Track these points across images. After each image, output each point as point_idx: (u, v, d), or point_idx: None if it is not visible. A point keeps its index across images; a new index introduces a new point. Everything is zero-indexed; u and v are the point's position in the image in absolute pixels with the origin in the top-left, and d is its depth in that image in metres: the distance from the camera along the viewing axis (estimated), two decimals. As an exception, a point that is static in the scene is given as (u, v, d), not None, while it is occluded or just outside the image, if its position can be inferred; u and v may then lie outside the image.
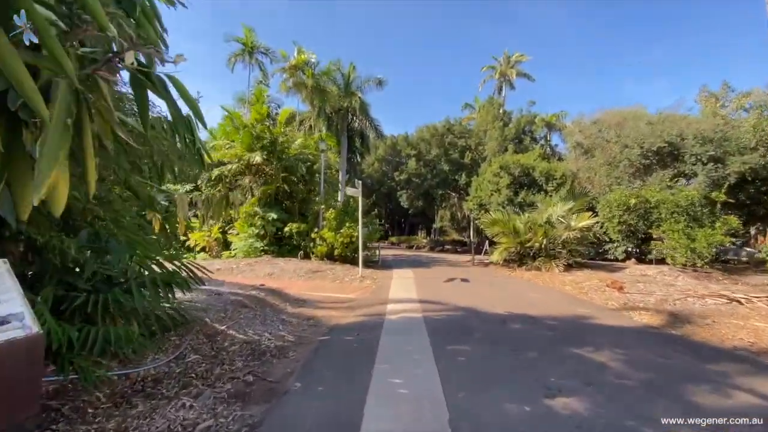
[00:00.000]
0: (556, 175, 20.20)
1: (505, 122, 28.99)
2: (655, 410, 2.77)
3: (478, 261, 17.21)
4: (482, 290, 8.61)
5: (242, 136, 14.80)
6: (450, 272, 12.87)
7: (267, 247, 14.73)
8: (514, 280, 10.86)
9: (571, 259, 13.42)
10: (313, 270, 11.28)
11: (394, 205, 50.53)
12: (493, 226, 14.80)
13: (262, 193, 14.80)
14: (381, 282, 10.08)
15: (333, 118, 29.24)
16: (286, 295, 7.50)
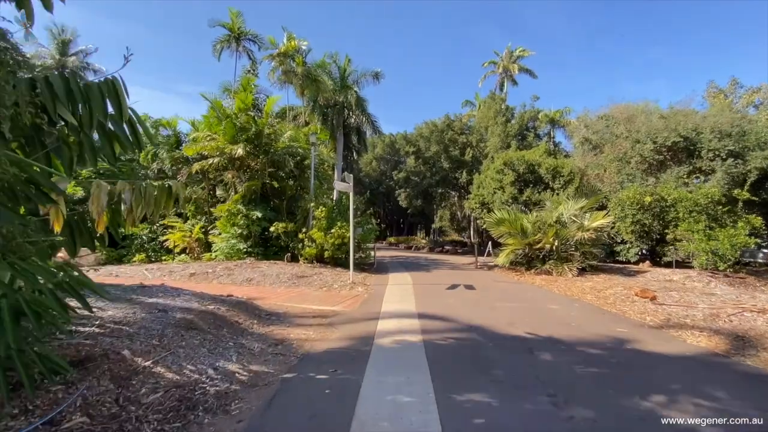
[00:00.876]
0: (564, 171, 18.99)
1: (507, 118, 27.77)
2: None
3: (481, 263, 15.97)
4: (492, 300, 7.35)
5: (224, 127, 13.51)
6: (452, 277, 11.62)
7: (251, 248, 13.44)
8: (525, 287, 9.61)
9: (584, 262, 12.19)
10: (299, 275, 10.00)
11: (392, 204, 49.34)
12: (498, 226, 13.56)
13: (246, 190, 13.52)
14: (374, 289, 8.82)
15: (328, 113, 28.02)
16: (258, 309, 6.22)
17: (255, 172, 14.33)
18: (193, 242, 14.75)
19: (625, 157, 19.27)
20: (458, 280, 10.72)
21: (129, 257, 15.47)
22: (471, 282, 10.17)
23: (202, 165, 13.89)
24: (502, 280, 11.15)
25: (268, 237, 13.82)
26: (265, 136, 14.03)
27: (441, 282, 10.20)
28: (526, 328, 5.11)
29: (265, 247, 14.03)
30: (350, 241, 9.58)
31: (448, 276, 11.87)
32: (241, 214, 13.06)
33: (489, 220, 13.96)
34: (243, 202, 13.70)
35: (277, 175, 14.82)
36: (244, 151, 13.01)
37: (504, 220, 13.33)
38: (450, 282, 10.09)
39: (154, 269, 11.14)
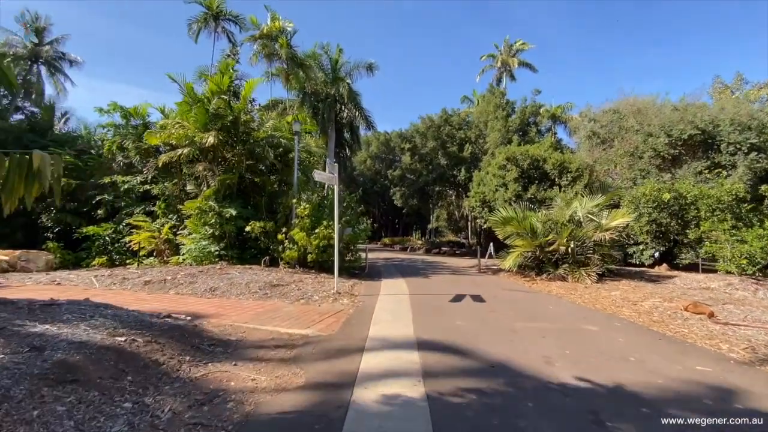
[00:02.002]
0: (571, 167, 17.59)
1: (507, 112, 26.38)
2: None
3: (484, 267, 14.48)
4: (510, 318, 5.84)
5: (194, 113, 11.88)
6: (454, 284, 10.10)
7: (225, 251, 11.81)
8: (542, 298, 8.11)
9: (603, 266, 10.74)
10: (274, 283, 8.41)
11: (387, 204, 47.80)
12: (504, 226, 12.07)
13: (219, 184, 11.89)
14: (363, 302, 7.26)
15: (319, 106, 26.46)
16: (202, 335, 4.64)
17: (231, 164, 12.72)
18: (162, 244, 13.07)
19: (637, 151, 17.93)
20: (462, 288, 9.19)
21: (89, 260, 13.76)
22: (477, 291, 8.65)
23: (170, 156, 12.24)
24: (512, 287, 9.64)
25: (246, 238, 12.20)
26: (243, 124, 12.42)
27: (442, 291, 8.67)
28: (572, 369, 3.58)
29: (243, 249, 12.41)
30: (335, 243, 8.01)
31: (449, 283, 10.35)
32: (212, 212, 11.43)
33: (494, 219, 12.47)
34: (216, 198, 12.06)
35: (257, 169, 13.21)
36: (217, 140, 11.39)
37: (511, 219, 11.84)
38: (453, 291, 8.56)
39: (105, 276, 9.49)
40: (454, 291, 8.61)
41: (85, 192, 16.02)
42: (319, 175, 7.33)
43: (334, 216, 11.61)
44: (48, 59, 30.71)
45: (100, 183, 15.39)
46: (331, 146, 27.27)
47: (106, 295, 7.38)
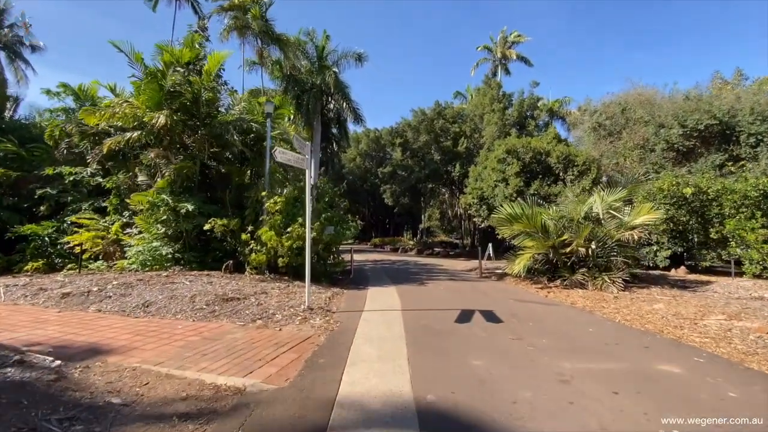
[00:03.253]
0: (578, 160, 16.09)
1: (504, 105, 24.89)
2: None
3: (485, 270, 12.83)
4: (546, 352, 4.13)
5: (144, 87, 9.93)
6: (456, 293, 8.39)
7: (182, 253, 9.90)
8: (570, 314, 6.43)
9: (627, 270, 9.17)
10: (228, 296, 6.55)
11: (377, 203, 46.01)
12: (510, 224, 10.41)
13: (175, 174, 9.96)
14: (340, 323, 5.47)
15: (303, 97, 24.60)
16: (65, 395, 2.81)
17: (192, 152, 10.79)
18: (109, 245, 11.06)
19: (648, 144, 16.50)
20: (466, 299, 7.48)
21: (23, 264, 11.66)
22: (486, 303, 6.94)
23: (117, 141, 10.24)
24: (525, 297, 7.95)
25: (211, 238, 10.30)
26: (205, 104, 10.51)
27: (443, 304, 6.93)
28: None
29: (206, 252, 10.49)
30: (307, 244, 6.20)
31: (449, 292, 8.62)
32: (165, 207, 9.50)
33: (498, 216, 10.80)
34: (172, 190, 10.14)
35: (223, 157, 11.33)
36: (170, 121, 9.47)
37: (519, 217, 10.18)
38: (456, 303, 6.84)
39: (19, 286, 7.51)
40: (457, 304, 6.88)
41: (27, 185, 13.87)
42: (282, 155, 5.52)
43: (314, 212, 9.83)
44: (7, 44, 28.12)
45: (43, 175, 13.26)
46: (317, 140, 25.40)
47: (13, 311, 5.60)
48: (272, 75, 24.45)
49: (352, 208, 54.07)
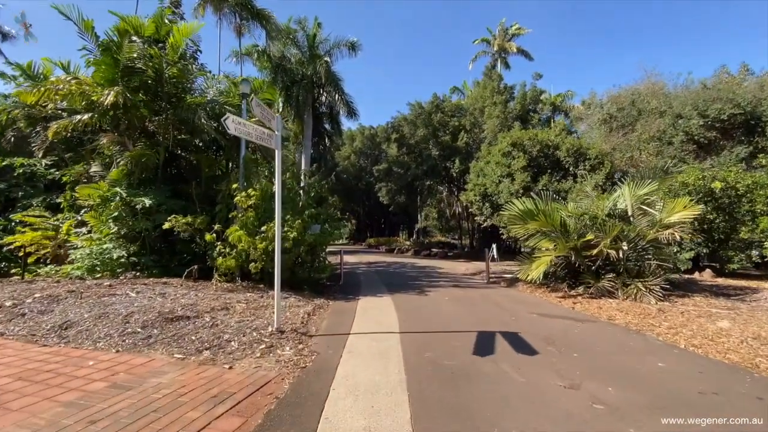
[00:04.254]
0: (589, 154, 14.78)
1: (506, 98, 23.58)
2: None
3: (494, 275, 11.43)
4: (617, 408, 2.73)
5: (97, 63, 8.42)
6: (465, 305, 6.97)
7: (139, 257, 8.39)
8: (617, 337, 5.03)
9: (664, 276, 7.81)
10: (176, 315, 5.07)
11: (372, 202, 44.52)
12: (523, 222, 9.02)
13: (132, 163, 8.45)
14: (316, 358, 4.00)
15: (293, 88, 23.09)
16: None
17: (156, 138, 9.28)
18: (59, 246, 9.51)
19: (665, 136, 15.21)
20: (480, 314, 6.06)
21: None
22: (505, 321, 5.53)
23: (65, 125, 8.69)
24: (550, 311, 6.55)
25: (177, 239, 8.81)
26: (169, 82, 9.00)
27: (453, 324, 5.50)
28: None
29: (171, 255, 8.99)
30: (276, 245, 4.73)
31: (457, 304, 7.19)
32: (118, 202, 7.98)
33: (508, 213, 9.41)
34: (130, 182, 8.64)
35: (193, 145, 9.83)
36: (123, 99, 7.94)
37: (534, 214, 8.79)
38: (469, 322, 5.42)
39: None
40: (469, 321, 5.47)
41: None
42: (237, 126, 4.04)
43: (292, 207, 8.37)
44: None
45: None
46: (308, 134, 23.89)
47: None
48: (260, 65, 22.95)
49: (347, 208, 52.49)
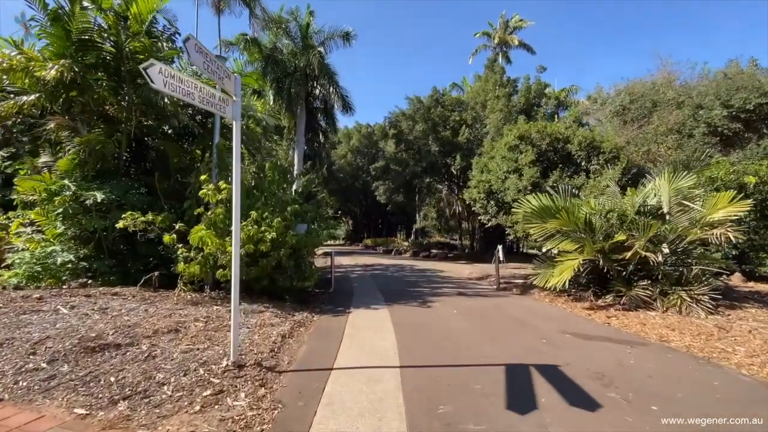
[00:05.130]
0: (603, 147, 13.63)
1: (510, 91, 22.46)
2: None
3: (502, 280, 10.22)
4: None
5: (49, 36, 7.16)
6: (480, 323, 5.76)
7: (94, 261, 7.12)
8: (680, 366, 3.83)
9: (708, 283, 6.64)
10: (101, 344, 3.81)
11: (369, 201, 43.29)
12: (541, 220, 7.83)
13: (85, 152, 7.20)
14: (278, 414, 2.77)
15: (285, 81, 21.87)
16: None
17: (116, 123, 8.03)
18: (6, 248, 8.22)
19: (684, 128, 14.08)
20: (500, 336, 4.86)
21: None
22: (536, 346, 4.33)
23: (8, 108, 7.41)
24: (585, 329, 5.34)
25: (141, 241, 7.57)
26: (132, 59, 7.74)
27: (468, 352, 4.28)
28: None
29: (136, 258, 7.73)
30: (233, 247, 3.51)
31: (469, 320, 5.96)
32: (66, 196, 6.72)
33: (523, 211, 8.22)
34: (84, 174, 7.38)
35: (161, 132, 8.58)
36: (71, 75, 6.69)
37: (553, 211, 7.61)
38: (489, 349, 4.22)
39: None
40: (488, 348, 4.27)
41: None
42: (165, 80, 2.78)
43: (271, 201, 7.14)
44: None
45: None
46: (301, 129, 22.69)
47: None
48: (249, 56, 21.74)
49: (343, 208, 51.21)
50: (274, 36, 22.47)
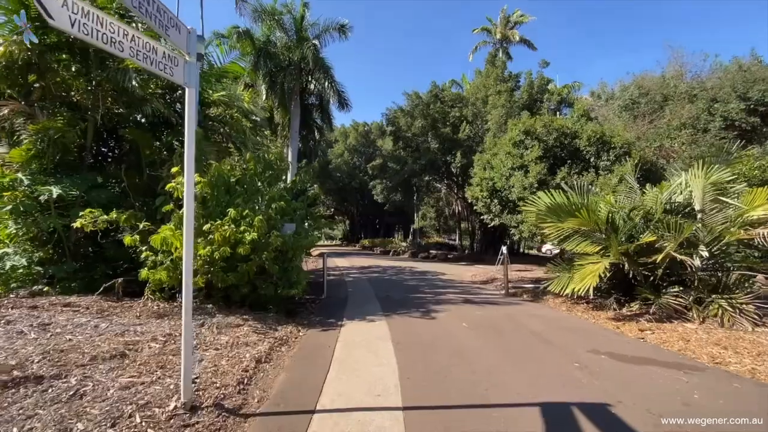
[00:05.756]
0: (614, 142, 12.88)
1: (512, 86, 21.72)
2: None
3: (511, 285, 9.42)
4: None
5: (3, 9, 6.31)
6: (492, 338, 4.94)
7: (55, 267, 6.25)
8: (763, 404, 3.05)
9: (749, 290, 5.87)
10: (22, 375, 2.98)
11: (366, 202, 42.44)
12: (557, 220, 7.04)
13: (44, 141, 6.33)
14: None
15: (278, 75, 21.04)
16: None
17: (82, 111, 7.16)
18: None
19: (698, 122, 13.35)
20: (521, 357, 4.04)
21: None
22: (571, 376, 3.53)
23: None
24: (621, 349, 4.53)
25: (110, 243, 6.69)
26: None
27: (487, 383, 3.45)
28: None
29: (104, 263, 6.87)
30: (183, 255, 2.70)
31: (480, 335, 5.14)
32: (18, 190, 5.86)
33: (534, 209, 7.43)
34: (44, 167, 6.52)
35: (132, 121, 7.72)
36: (17, 50, 5.83)
37: (570, 208, 6.81)
38: (511, 375, 3.41)
39: None
40: (509, 373, 3.46)
41: None
42: (74, 17, 2.00)
43: (246, 194, 6.32)
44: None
45: None
46: (295, 125, 21.85)
47: None
48: (242, 49, 20.87)
49: (340, 208, 50.32)
50: (267, 29, 21.63)
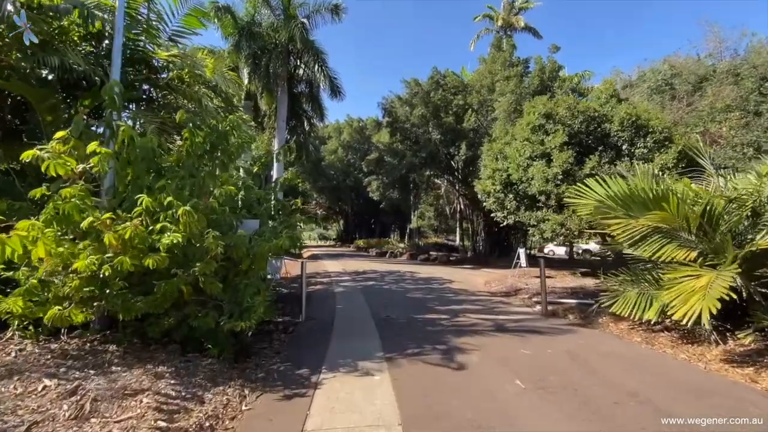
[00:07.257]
0: (652, 126, 10.96)
1: (521, 71, 19.78)
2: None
3: (549, 302, 7.40)
4: None
5: None
6: (576, 411, 2.90)
7: None
8: None
9: None
10: None
11: (362, 200, 40.32)
12: (626, 215, 5.02)
13: None
14: None
15: (262, 57, 18.90)
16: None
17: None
18: None
19: (748, 104, 11.44)
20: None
21: None
22: None
23: None
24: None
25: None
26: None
27: None
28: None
29: None
30: None
31: (548, 403, 3.06)
32: None
33: (589, 201, 5.43)
34: None
35: (31, 76, 5.56)
36: None
37: (646, 199, 4.79)
38: None
39: None
40: None
41: None
42: None
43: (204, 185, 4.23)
44: None
45: None
46: (282, 114, 19.69)
47: None
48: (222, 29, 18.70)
49: (334, 207, 48.12)
50: (251, 5, 19.39)
